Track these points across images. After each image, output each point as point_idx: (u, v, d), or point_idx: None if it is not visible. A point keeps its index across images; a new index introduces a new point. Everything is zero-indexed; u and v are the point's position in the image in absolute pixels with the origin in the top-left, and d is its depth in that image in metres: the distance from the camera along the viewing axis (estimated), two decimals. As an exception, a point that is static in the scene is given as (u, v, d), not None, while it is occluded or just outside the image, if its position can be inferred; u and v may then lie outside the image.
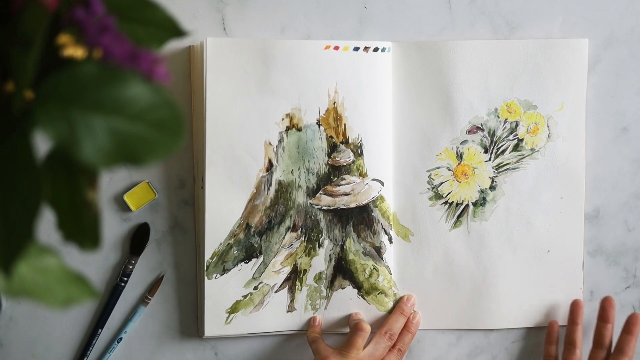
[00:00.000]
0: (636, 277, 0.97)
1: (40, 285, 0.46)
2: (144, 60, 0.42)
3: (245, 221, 0.89)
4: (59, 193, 0.44)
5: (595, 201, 0.95)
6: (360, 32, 0.91)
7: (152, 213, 0.90)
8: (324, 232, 0.91)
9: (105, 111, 0.41)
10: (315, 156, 0.90)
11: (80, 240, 0.45)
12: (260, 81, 0.88)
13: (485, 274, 0.94)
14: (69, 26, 0.42)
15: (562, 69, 0.92)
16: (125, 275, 0.89)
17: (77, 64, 0.41)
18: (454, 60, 0.91)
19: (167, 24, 0.47)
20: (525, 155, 0.93)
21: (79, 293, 0.47)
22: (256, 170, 0.89)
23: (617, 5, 0.94)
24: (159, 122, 0.42)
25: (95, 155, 0.40)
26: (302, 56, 0.88)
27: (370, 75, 0.90)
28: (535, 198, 0.93)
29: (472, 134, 0.92)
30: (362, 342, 0.88)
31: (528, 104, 0.93)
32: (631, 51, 0.95)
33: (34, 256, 0.47)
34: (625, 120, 0.95)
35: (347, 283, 0.92)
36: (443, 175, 0.93)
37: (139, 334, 0.91)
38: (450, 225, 0.93)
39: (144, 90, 0.42)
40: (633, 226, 0.96)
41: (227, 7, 0.90)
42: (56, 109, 0.41)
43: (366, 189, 0.91)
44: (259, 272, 0.90)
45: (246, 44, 0.87)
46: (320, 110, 0.90)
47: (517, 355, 0.96)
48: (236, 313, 0.90)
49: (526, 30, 0.93)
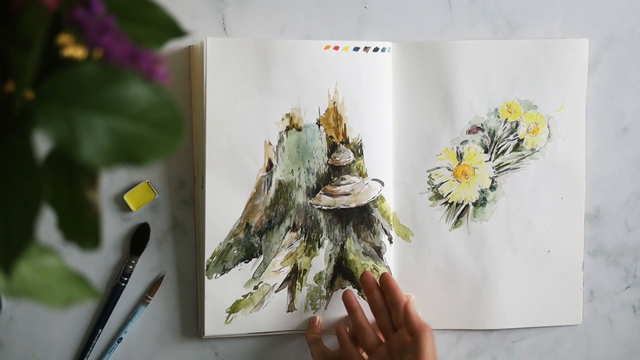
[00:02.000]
0: (636, 277, 0.97)
1: (40, 285, 0.46)
2: (144, 60, 0.42)
3: (245, 221, 0.89)
4: (59, 193, 0.44)
5: (595, 201, 0.95)
6: (360, 32, 0.91)
7: (152, 213, 0.90)
8: (324, 232, 0.91)
9: (105, 111, 0.41)
10: (315, 156, 0.90)
11: (80, 240, 0.45)
12: (260, 81, 0.88)
13: (485, 274, 0.94)
14: (69, 26, 0.42)
15: (562, 69, 0.92)
16: (125, 275, 0.89)
17: (77, 64, 0.41)
18: (454, 60, 0.91)
19: (167, 24, 0.47)
20: (525, 155, 0.93)
21: (79, 293, 0.47)
22: (256, 170, 0.89)
23: (617, 5, 0.94)
24: (159, 122, 0.42)
25: (96, 155, 0.40)
26: (302, 56, 0.88)
27: (370, 75, 0.90)
28: (536, 198, 0.93)
29: (472, 134, 0.92)
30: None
31: (528, 104, 0.93)
32: (631, 51, 0.95)
33: (34, 256, 0.47)
34: (625, 120, 0.95)
35: (347, 283, 0.92)
36: (443, 176, 0.93)
37: (139, 334, 0.91)
38: (451, 226, 0.93)
39: (144, 90, 0.42)
40: (633, 226, 0.96)
41: (227, 7, 0.90)
42: (56, 109, 0.41)
43: (366, 189, 0.91)
44: (259, 272, 0.90)
45: (246, 44, 0.87)
46: (320, 110, 0.90)
47: (517, 355, 0.96)
48: (236, 313, 0.90)
49: (526, 30, 0.93)
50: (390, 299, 0.86)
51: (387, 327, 0.85)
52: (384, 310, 0.86)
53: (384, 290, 0.87)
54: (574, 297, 0.95)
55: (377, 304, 0.87)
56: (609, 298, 0.97)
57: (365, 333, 0.86)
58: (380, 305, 0.87)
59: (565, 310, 0.95)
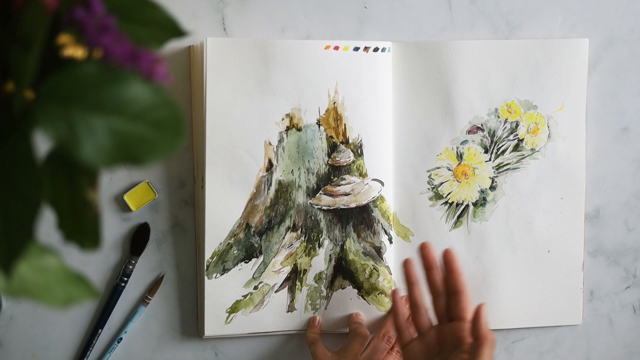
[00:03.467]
0: (636, 277, 0.97)
1: (40, 285, 0.46)
2: (144, 60, 0.42)
3: (245, 221, 0.89)
4: (59, 193, 0.44)
5: (595, 201, 0.96)
6: (360, 32, 0.91)
7: (152, 213, 0.90)
8: (324, 232, 0.91)
9: (105, 111, 0.41)
10: (315, 156, 0.90)
11: (80, 240, 0.45)
12: (260, 81, 0.88)
13: (485, 274, 0.94)
14: (69, 26, 0.42)
15: (562, 69, 0.92)
16: (125, 275, 0.89)
17: (77, 64, 0.41)
18: (454, 60, 0.91)
19: (167, 24, 0.47)
20: (525, 155, 0.93)
21: (79, 293, 0.47)
22: (256, 170, 0.89)
23: (617, 5, 0.94)
24: (159, 122, 0.42)
25: (95, 155, 0.40)
26: (302, 56, 0.88)
27: (370, 75, 0.90)
28: (536, 198, 0.93)
29: (472, 134, 0.92)
30: (360, 347, 0.88)
31: (528, 104, 0.93)
32: (631, 51, 0.95)
33: (34, 256, 0.47)
34: (625, 120, 0.95)
35: (347, 283, 0.92)
36: (443, 176, 0.93)
37: (139, 334, 0.91)
38: (451, 226, 0.93)
39: (144, 90, 0.42)
40: (633, 226, 0.96)
41: (227, 7, 0.90)
42: (56, 109, 0.41)
43: (366, 189, 0.91)
44: (259, 272, 0.90)
45: (246, 44, 0.87)
46: (320, 110, 0.90)
47: (517, 355, 0.96)
48: (236, 313, 0.90)
49: (526, 30, 0.93)
50: (452, 285, 0.83)
51: (443, 312, 0.83)
52: (442, 295, 0.84)
53: (446, 272, 0.84)
54: (574, 297, 0.95)
55: (436, 286, 0.84)
56: (609, 298, 0.97)
57: (420, 312, 0.84)
58: (439, 288, 0.84)
59: (565, 310, 0.95)
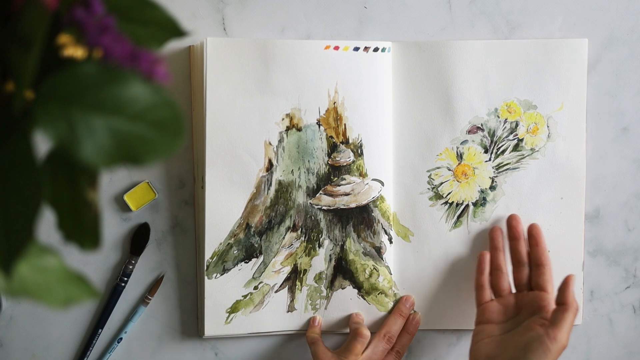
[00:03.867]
0: (636, 277, 0.97)
1: (40, 285, 0.46)
2: (144, 60, 0.42)
3: (245, 221, 0.89)
4: (59, 193, 0.44)
5: (595, 201, 0.95)
6: (360, 32, 0.91)
7: (152, 213, 0.90)
8: (324, 232, 0.91)
9: (105, 111, 0.41)
10: (315, 156, 0.90)
11: (80, 240, 0.45)
12: (260, 81, 0.88)
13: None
14: (69, 26, 0.42)
15: (562, 69, 0.92)
16: (125, 275, 0.89)
17: (77, 64, 0.41)
18: (454, 60, 0.91)
19: (167, 24, 0.47)
20: (525, 155, 0.93)
21: (79, 293, 0.47)
22: (256, 170, 0.89)
23: (617, 5, 0.94)
24: (159, 122, 0.42)
25: (95, 155, 0.40)
26: (302, 56, 0.88)
27: (370, 75, 0.90)
28: (535, 198, 0.93)
29: (472, 134, 0.92)
30: (360, 347, 0.88)
31: (528, 104, 0.93)
32: (631, 51, 0.95)
33: (34, 256, 0.47)
34: (625, 120, 0.95)
35: (347, 283, 0.92)
36: (443, 175, 0.93)
37: (139, 334, 0.91)
38: (451, 225, 0.93)
39: (144, 90, 0.42)
40: (633, 226, 0.96)
41: (227, 7, 0.90)
42: (56, 109, 0.41)
43: (366, 189, 0.91)
44: (259, 272, 0.90)
45: (246, 44, 0.87)
46: (320, 110, 0.90)
47: (517, 355, 0.96)
48: (236, 313, 0.90)
49: (526, 30, 0.93)
50: (537, 257, 0.89)
51: (524, 282, 0.89)
52: (525, 266, 0.90)
53: (531, 245, 0.91)
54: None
55: (520, 257, 0.90)
56: (609, 298, 0.97)
57: (501, 276, 0.90)
58: (523, 260, 0.90)
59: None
